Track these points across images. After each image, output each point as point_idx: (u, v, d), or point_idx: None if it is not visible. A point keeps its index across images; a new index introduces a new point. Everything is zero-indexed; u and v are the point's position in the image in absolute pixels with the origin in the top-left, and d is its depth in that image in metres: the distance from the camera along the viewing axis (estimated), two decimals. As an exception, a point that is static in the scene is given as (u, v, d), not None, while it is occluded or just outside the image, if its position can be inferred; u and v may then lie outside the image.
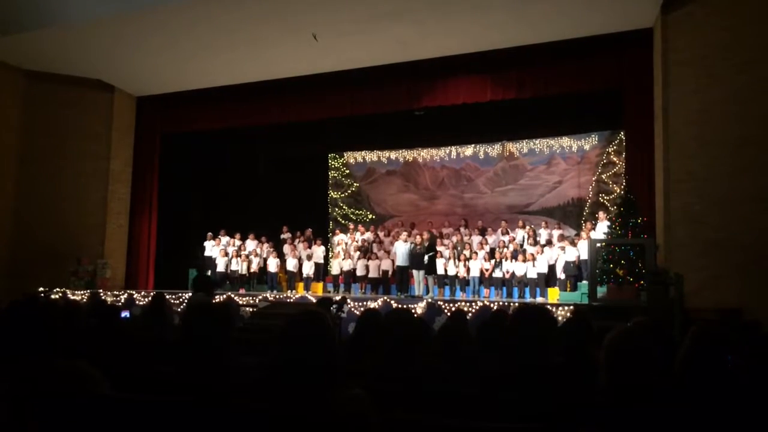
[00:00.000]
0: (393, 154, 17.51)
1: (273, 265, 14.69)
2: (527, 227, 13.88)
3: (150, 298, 7.56)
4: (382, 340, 3.29)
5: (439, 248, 13.22)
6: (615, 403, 2.22)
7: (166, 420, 2.26)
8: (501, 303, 10.53)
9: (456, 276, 13.28)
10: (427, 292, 12.75)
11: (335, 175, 18.28)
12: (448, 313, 10.20)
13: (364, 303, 10.81)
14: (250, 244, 15.31)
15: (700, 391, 2.24)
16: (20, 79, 14.62)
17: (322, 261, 15.04)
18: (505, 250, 13.06)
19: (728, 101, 9.62)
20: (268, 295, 13.00)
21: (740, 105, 9.52)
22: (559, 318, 8.96)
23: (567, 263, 12.34)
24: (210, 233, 15.29)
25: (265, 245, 15.32)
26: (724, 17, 9.82)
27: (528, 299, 12.31)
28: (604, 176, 14.82)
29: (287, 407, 2.00)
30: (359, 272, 14.09)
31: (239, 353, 3.47)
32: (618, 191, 13.94)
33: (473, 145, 16.41)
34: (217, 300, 10.89)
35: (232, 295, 12.55)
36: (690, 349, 2.32)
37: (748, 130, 9.42)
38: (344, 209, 17.98)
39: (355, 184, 17.99)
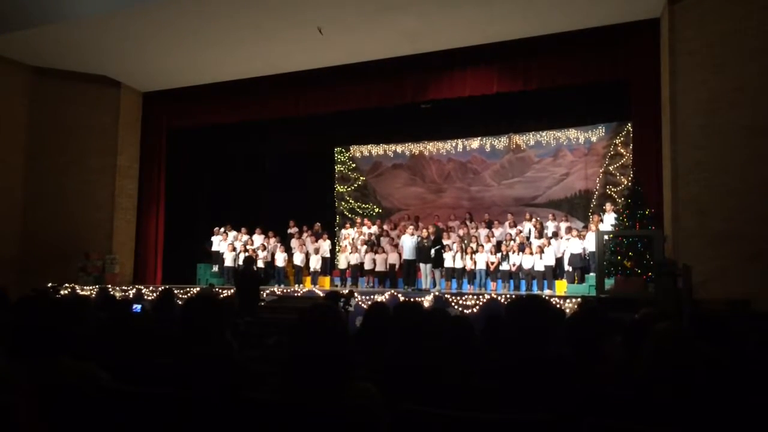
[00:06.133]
0: (399, 148, 17.46)
1: (280, 259, 14.73)
2: (534, 220, 13.83)
3: (158, 293, 7.59)
4: (390, 333, 3.29)
5: (445, 242, 13.20)
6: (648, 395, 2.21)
7: (175, 413, 2.28)
8: (508, 296, 10.52)
9: (463, 269, 13.27)
10: (434, 285, 12.75)
11: (341, 169, 18.26)
12: (455, 306, 10.22)
13: (372, 296, 10.83)
14: (258, 239, 15.35)
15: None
16: (27, 75, 14.69)
17: (329, 255, 15.06)
18: (512, 243, 13.03)
19: (736, 91, 9.54)
20: (275, 289, 13.04)
21: (749, 94, 9.43)
22: (567, 311, 8.94)
23: (574, 255, 12.30)
24: (217, 228, 15.36)
25: (272, 240, 15.36)
26: (731, 6, 9.73)
27: (535, 292, 12.28)
28: (611, 168, 14.72)
29: (299, 400, 2.01)
30: (366, 266, 14.11)
31: (246, 346, 3.48)
32: (625, 183, 13.84)
33: (480, 138, 16.34)
34: (225, 294, 10.92)
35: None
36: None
37: (757, 120, 9.34)
38: (351, 203, 17.97)
39: (361, 177, 17.97)
